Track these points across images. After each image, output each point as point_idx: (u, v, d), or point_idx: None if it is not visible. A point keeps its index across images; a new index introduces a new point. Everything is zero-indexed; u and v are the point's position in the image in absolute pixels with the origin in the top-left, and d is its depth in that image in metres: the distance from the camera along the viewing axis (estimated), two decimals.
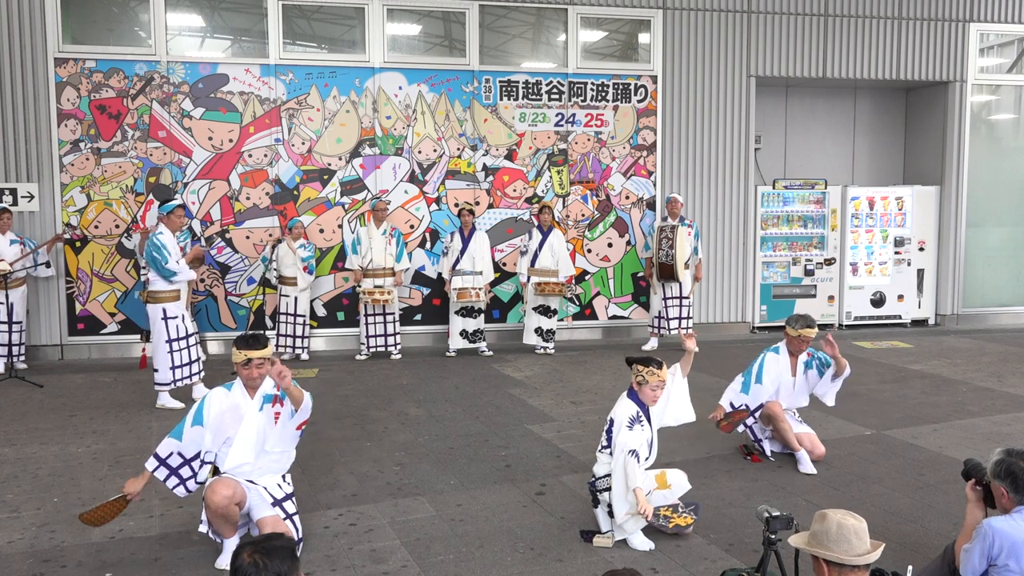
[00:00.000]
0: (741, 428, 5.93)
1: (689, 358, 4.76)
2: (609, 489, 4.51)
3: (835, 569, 2.76)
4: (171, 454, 4.26)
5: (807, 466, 5.66)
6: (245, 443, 4.26)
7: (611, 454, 4.54)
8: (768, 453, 5.90)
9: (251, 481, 4.31)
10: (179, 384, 7.31)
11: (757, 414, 5.88)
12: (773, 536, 3.31)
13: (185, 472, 4.29)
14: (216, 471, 4.33)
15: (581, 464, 5.74)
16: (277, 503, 4.33)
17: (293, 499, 4.46)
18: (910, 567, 3.14)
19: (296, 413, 4.29)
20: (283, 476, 4.46)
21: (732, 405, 5.84)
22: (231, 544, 4.31)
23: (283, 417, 4.31)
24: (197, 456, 4.29)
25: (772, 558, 3.32)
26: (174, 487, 4.29)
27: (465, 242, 9.56)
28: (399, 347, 9.66)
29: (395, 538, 4.56)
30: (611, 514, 4.52)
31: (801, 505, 4.93)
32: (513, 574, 4.15)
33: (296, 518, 4.40)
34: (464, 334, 9.72)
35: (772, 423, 5.85)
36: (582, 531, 4.63)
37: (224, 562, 4.30)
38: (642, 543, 4.47)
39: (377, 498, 5.17)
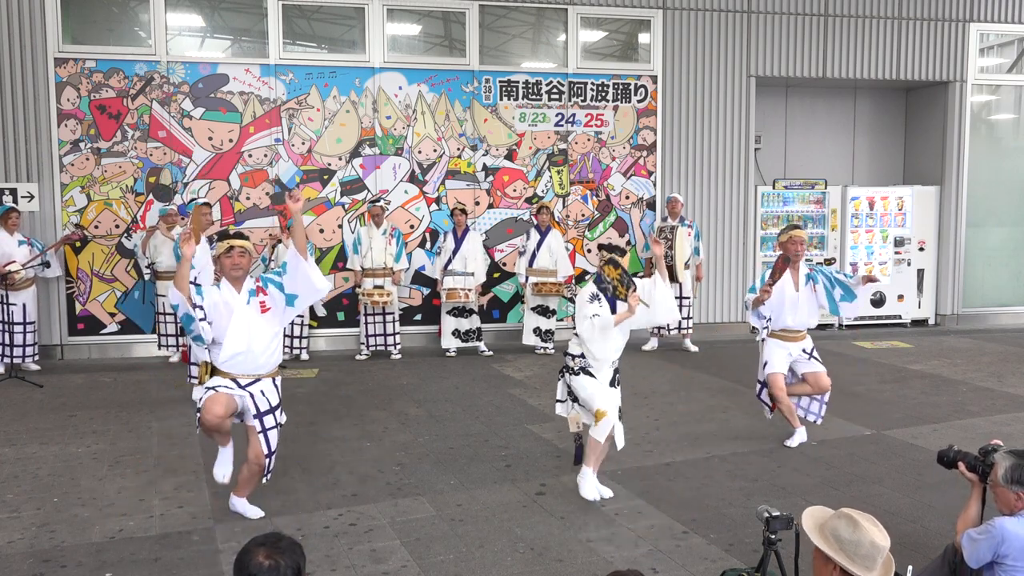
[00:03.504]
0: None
1: (660, 264, 5.06)
2: (575, 372, 5.01)
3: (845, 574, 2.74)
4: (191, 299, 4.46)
5: (793, 441, 6.08)
6: (237, 333, 4.53)
7: (577, 333, 5.00)
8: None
9: (246, 386, 4.58)
10: None
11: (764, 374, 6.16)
12: (773, 536, 3.30)
13: (198, 313, 4.48)
14: (214, 371, 4.60)
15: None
16: (259, 416, 4.61)
17: (276, 412, 4.71)
18: (910, 567, 3.13)
19: (294, 271, 4.55)
20: (273, 380, 4.72)
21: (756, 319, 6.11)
22: (226, 452, 4.76)
23: (271, 308, 4.57)
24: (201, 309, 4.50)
25: (772, 558, 3.32)
26: (189, 323, 4.45)
27: (458, 242, 9.53)
28: (399, 347, 9.65)
29: (395, 538, 4.56)
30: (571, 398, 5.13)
31: (801, 505, 4.90)
32: (513, 574, 4.15)
33: (272, 433, 4.67)
34: (456, 333, 9.70)
35: (773, 397, 6.10)
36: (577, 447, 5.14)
37: (221, 474, 4.75)
38: (590, 491, 5.01)
39: (377, 498, 5.17)
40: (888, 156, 12.75)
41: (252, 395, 4.60)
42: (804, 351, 6.13)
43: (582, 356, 5.01)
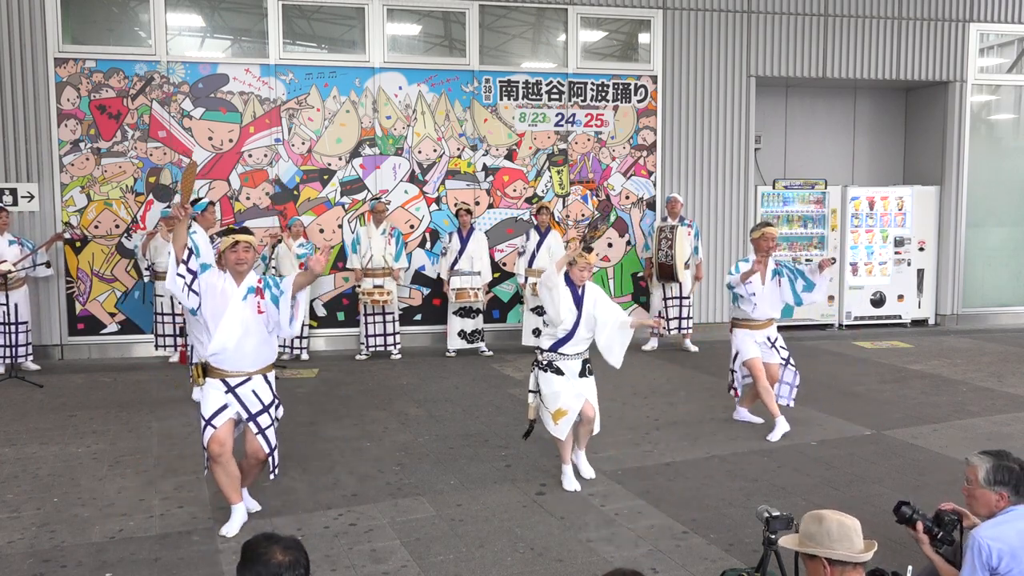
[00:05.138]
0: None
1: (639, 317, 5.33)
2: (542, 367, 5.28)
3: (837, 569, 2.78)
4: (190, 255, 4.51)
5: (775, 434, 6.27)
6: (228, 328, 4.49)
7: (545, 321, 5.36)
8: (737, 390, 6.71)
9: (236, 387, 4.55)
10: None
11: (739, 364, 6.55)
12: (773, 536, 3.31)
13: (188, 276, 4.49)
14: (206, 370, 4.57)
15: None
16: (251, 418, 4.59)
17: (270, 409, 4.66)
18: (910, 567, 3.14)
19: (284, 299, 4.48)
20: (265, 377, 4.67)
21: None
22: (238, 511, 4.64)
23: (266, 310, 4.53)
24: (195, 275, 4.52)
25: (772, 558, 3.32)
26: (177, 281, 4.44)
27: (463, 242, 9.56)
28: (399, 347, 9.65)
29: (395, 538, 4.56)
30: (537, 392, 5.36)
31: (801, 505, 4.93)
32: (513, 574, 4.15)
33: (269, 431, 4.64)
34: (463, 334, 9.71)
35: (753, 380, 6.47)
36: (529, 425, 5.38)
37: (229, 531, 4.57)
38: (569, 483, 5.26)
39: (377, 498, 5.17)
40: (888, 156, 12.75)
41: (242, 399, 4.57)
42: (768, 339, 6.57)
43: (550, 351, 5.25)
